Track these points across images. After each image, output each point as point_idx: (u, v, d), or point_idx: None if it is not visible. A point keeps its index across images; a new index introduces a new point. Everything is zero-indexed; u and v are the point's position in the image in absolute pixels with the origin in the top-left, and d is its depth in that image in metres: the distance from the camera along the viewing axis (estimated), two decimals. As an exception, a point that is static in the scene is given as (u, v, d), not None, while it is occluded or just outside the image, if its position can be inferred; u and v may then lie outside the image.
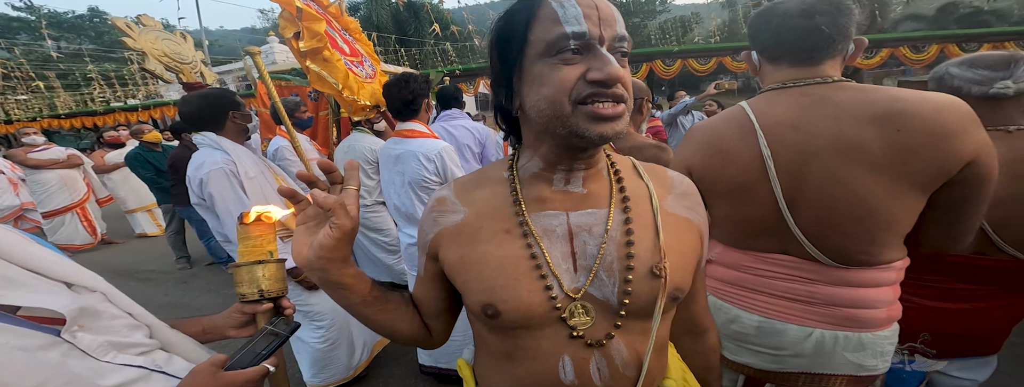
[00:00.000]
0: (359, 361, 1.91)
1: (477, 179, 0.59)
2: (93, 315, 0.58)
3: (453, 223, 0.56)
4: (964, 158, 0.63)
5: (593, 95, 0.44)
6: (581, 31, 0.44)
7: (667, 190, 0.57)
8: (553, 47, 0.45)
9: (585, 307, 0.50)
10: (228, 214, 1.42)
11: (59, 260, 0.60)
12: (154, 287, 3.46)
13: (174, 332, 0.68)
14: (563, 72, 0.45)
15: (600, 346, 0.50)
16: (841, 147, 0.68)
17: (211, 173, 1.40)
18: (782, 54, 0.76)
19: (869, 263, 0.74)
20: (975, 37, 6.98)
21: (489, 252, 0.52)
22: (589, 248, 0.51)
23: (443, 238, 0.56)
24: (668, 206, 0.56)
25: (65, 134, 13.43)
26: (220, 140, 1.48)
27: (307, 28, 1.67)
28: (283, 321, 0.68)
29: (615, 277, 0.50)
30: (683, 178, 0.60)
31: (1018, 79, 0.84)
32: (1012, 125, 0.87)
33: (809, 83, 0.74)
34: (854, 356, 0.77)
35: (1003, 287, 0.90)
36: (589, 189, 0.54)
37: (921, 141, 0.63)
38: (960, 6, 16.37)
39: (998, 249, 0.87)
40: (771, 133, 0.73)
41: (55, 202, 4.37)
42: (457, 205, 0.57)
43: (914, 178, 0.66)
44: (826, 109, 0.70)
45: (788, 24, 0.73)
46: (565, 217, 0.53)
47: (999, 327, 0.93)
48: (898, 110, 0.64)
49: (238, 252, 0.68)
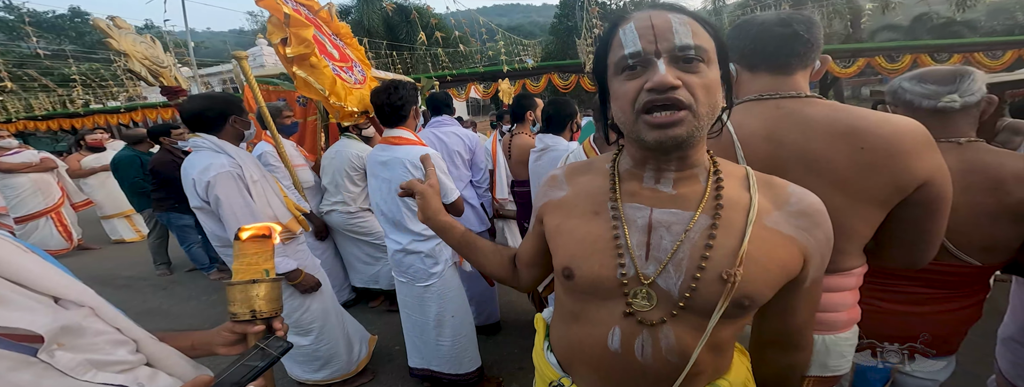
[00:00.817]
0: (359, 357, 1.95)
1: (585, 166, 0.70)
2: (76, 332, 0.55)
3: (557, 197, 0.68)
4: (919, 178, 0.67)
5: (650, 102, 0.50)
6: (636, 51, 0.51)
7: (777, 206, 0.57)
8: (619, 67, 0.54)
9: (649, 293, 0.56)
10: (234, 218, 1.41)
11: (50, 273, 0.57)
12: (132, 294, 3.37)
13: (162, 346, 0.66)
14: (627, 86, 0.52)
15: (650, 326, 0.56)
16: (808, 160, 0.71)
17: (219, 175, 1.39)
18: (761, 61, 0.79)
19: (832, 270, 0.77)
20: (946, 48, 7.28)
21: (578, 226, 0.63)
22: (664, 242, 0.57)
23: (548, 207, 0.69)
24: (770, 221, 0.56)
25: (41, 136, 13.01)
26: (222, 144, 1.48)
27: (294, 34, 1.66)
28: (275, 340, 0.65)
29: (682, 274, 0.55)
30: (807, 197, 0.58)
31: (964, 93, 0.88)
32: (962, 137, 0.91)
33: (783, 96, 0.77)
34: (819, 357, 0.81)
35: (957, 290, 0.94)
36: (680, 191, 0.58)
37: (881, 159, 0.67)
38: (934, 17, 17.04)
39: (951, 255, 0.91)
40: (746, 144, 0.76)
41: (28, 207, 4.23)
42: (564, 184, 0.69)
43: (873, 193, 0.69)
44: (796, 122, 0.73)
45: (768, 32, 0.77)
46: (648, 211, 0.59)
47: (955, 329, 0.96)
48: (862, 128, 0.68)
49: (233, 269, 0.67)
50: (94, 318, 0.60)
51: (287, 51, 1.65)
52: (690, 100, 0.50)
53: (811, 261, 0.57)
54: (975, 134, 0.93)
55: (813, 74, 0.81)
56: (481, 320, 2.28)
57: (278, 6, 1.61)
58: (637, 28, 0.51)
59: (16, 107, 11.82)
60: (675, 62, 0.50)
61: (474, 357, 1.83)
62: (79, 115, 10.40)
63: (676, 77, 0.49)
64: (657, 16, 0.51)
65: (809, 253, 0.57)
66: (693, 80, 0.50)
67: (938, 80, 0.90)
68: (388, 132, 1.67)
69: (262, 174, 1.57)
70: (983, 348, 1.30)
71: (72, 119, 10.40)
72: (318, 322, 1.74)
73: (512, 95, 5.29)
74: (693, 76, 0.50)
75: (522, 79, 8.44)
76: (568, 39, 21.02)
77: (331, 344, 1.80)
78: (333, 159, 2.43)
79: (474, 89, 8.94)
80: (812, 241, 0.57)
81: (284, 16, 1.61)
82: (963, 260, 0.90)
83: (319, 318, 1.74)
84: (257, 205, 1.46)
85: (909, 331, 0.96)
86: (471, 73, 8.96)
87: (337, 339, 1.82)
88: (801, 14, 0.77)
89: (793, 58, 0.77)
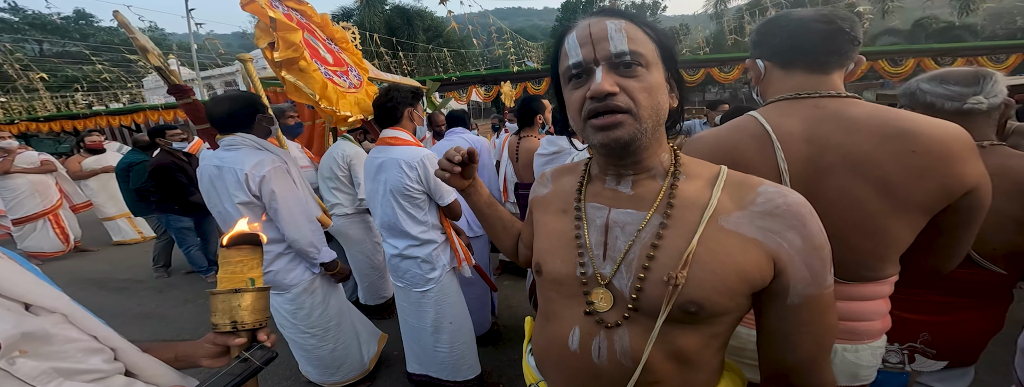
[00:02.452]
0: (370, 355, 1.96)
1: (569, 169, 0.72)
2: (42, 339, 0.54)
3: (542, 194, 0.73)
4: (968, 184, 0.65)
5: (592, 110, 0.52)
6: (576, 61, 0.53)
7: (739, 206, 0.53)
8: (566, 76, 0.56)
9: (607, 293, 0.56)
10: (289, 212, 1.47)
11: (22, 278, 0.56)
12: (128, 297, 3.33)
13: (144, 356, 0.64)
14: (574, 95, 0.55)
15: (607, 328, 0.55)
16: (854, 163, 0.67)
17: (273, 170, 1.44)
18: (798, 57, 0.74)
19: (872, 278, 0.73)
20: (949, 51, 7.26)
21: (549, 222, 0.66)
22: (619, 243, 0.57)
23: (535, 203, 0.74)
24: (728, 222, 0.52)
25: (44, 138, 13.04)
26: (262, 141, 1.53)
27: (282, 38, 1.64)
28: (260, 349, 0.63)
29: (632, 274, 0.55)
30: (780, 197, 0.52)
31: (988, 94, 0.85)
32: (985, 140, 0.88)
33: (822, 95, 0.73)
34: (851, 367, 0.78)
35: (980, 299, 0.90)
36: (637, 191, 0.59)
37: (932, 163, 0.63)
38: (934, 22, 17.08)
39: (974, 263, 0.87)
40: (785, 145, 0.72)
41: (25, 208, 4.20)
42: (549, 182, 0.73)
43: (920, 198, 0.66)
44: (840, 123, 0.69)
45: (807, 27, 0.73)
46: (607, 211, 0.60)
47: (977, 339, 0.93)
48: (914, 130, 0.64)
49: (218, 277, 0.64)
50: (66, 325, 0.58)
51: (275, 55, 1.63)
52: (629, 104, 0.51)
53: (788, 270, 0.51)
54: (996, 137, 0.90)
55: (848, 74, 0.77)
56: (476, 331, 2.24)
57: (264, 10, 1.59)
58: (577, 37, 0.53)
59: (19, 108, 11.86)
60: (614, 68, 0.52)
61: (473, 364, 1.80)
62: (81, 117, 10.42)
63: (614, 83, 0.51)
64: (595, 24, 0.53)
65: (782, 260, 0.51)
66: (631, 84, 0.51)
67: (960, 81, 0.87)
68: (384, 133, 1.65)
69: (297, 171, 1.60)
70: (1000, 356, 1.25)
71: (74, 121, 10.41)
72: (335, 320, 1.76)
73: (514, 98, 5.27)
74: (631, 81, 0.51)
75: (524, 82, 8.44)
76: (569, 42, 21.07)
77: (345, 344, 1.81)
78: (326, 159, 2.42)
79: (475, 92, 8.94)
80: (784, 245, 0.51)
81: (270, 20, 1.59)
82: (987, 268, 0.86)
83: (336, 316, 1.76)
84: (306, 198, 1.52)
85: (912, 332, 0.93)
86: (473, 76, 8.95)
87: (350, 339, 1.85)
88: (843, 11, 0.74)
89: (834, 55, 0.73)
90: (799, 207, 0.52)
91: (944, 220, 0.69)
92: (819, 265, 0.51)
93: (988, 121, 0.88)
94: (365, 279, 2.55)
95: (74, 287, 3.57)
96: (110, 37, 18.69)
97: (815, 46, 0.73)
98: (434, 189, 1.58)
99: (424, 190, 1.58)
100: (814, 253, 0.51)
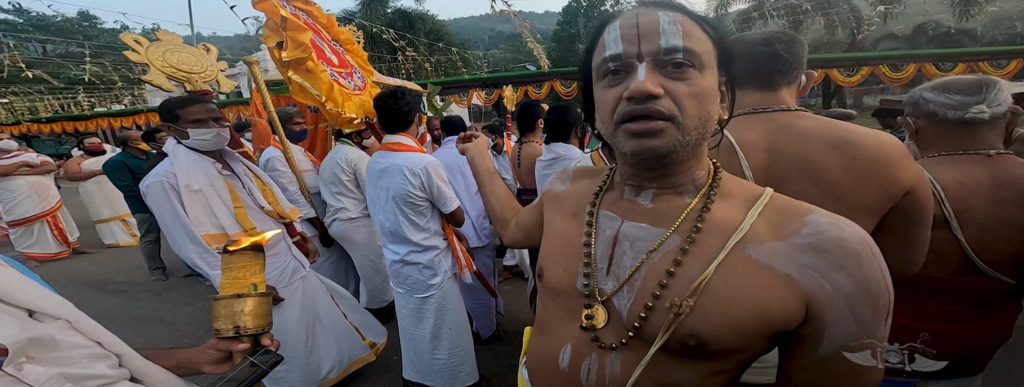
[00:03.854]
0: (325, 378, 1.78)
1: (594, 171, 0.68)
2: (48, 345, 0.54)
3: (558, 191, 0.69)
4: (905, 185, 0.71)
5: (628, 113, 0.45)
6: (616, 53, 0.46)
7: (777, 236, 0.45)
8: (601, 71, 0.48)
9: (605, 311, 0.51)
10: (167, 229, 1.42)
11: (25, 285, 0.56)
12: (126, 300, 3.32)
13: (146, 362, 0.64)
14: (607, 94, 0.47)
15: (601, 349, 0.50)
16: (806, 170, 0.73)
17: (150, 186, 1.39)
18: (747, 78, 0.83)
19: None
20: (951, 56, 7.26)
21: (558, 224, 0.63)
22: (625, 259, 0.51)
23: (548, 197, 0.70)
24: (759, 252, 0.45)
25: (45, 139, 13.07)
26: (175, 149, 1.46)
27: (291, 38, 1.64)
28: (265, 354, 0.64)
29: (634, 297, 0.49)
30: (834, 230, 0.43)
31: (991, 103, 0.85)
32: (991, 149, 0.87)
33: (775, 110, 0.80)
34: None
35: (986, 308, 0.89)
36: (656, 205, 0.52)
37: (871, 168, 0.70)
38: (934, 26, 17.13)
39: (981, 272, 0.86)
40: (747, 154, 0.79)
41: (24, 210, 4.19)
42: (568, 180, 0.69)
43: (866, 201, 0.72)
44: (791, 134, 0.76)
45: (752, 51, 0.81)
46: (619, 222, 0.54)
47: (983, 347, 0.92)
48: (851, 140, 0.71)
49: (220, 283, 0.64)
50: (71, 331, 0.59)
51: (283, 55, 1.62)
52: (674, 111, 0.43)
53: (824, 315, 0.43)
54: (1003, 146, 0.89)
55: (800, 89, 0.85)
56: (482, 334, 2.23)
57: (276, 9, 1.58)
58: (621, 27, 0.45)
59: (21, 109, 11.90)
60: (660, 67, 0.44)
61: (471, 371, 1.78)
62: (83, 118, 10.44)
63: (658, 84, 0.43)
64: (645, 14, 0.45)
65: (819, 303, 0.43)
66: (679, 88, 0.43)
67: (963, 90, 0.87)
68: (388, 138, 1.63)
69: (210, 181, 1.47)
70: (1005, 363, 1.24)
71: (76, 122, 10.44)
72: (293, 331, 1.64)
73: (515, 101, 5.26)
74: (680, 83, 0.44)
75: (525, 86, 8.45)
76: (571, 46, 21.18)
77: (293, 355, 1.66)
78: (327, 163, 2.41)
79: (476, 95, 8.96)
80: (826, 287, 0.42)
81: (281, 19, 1.59)
82: (994, 277, 0.85)
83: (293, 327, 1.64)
84: (191, 216, 1.41)
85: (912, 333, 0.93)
86: (474, 80, 8.97)
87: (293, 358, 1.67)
88: (784, 33, 0.81)
89: (776, 75, 0.81)
90: (856, 244, 0.43)
91: (894, 221, 0.74)
92: (871, 314, 0.43)
93: (994, 130, 0.87)
94: (368, 283, 2.54)
95: (72, 290, 3.55)
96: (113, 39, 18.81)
97: (759, 67, 0.81)
98: (437, 197, 1.57)
99: (427, 197, 1.57)
100: (867, 300, 0.42)
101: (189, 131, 1.43)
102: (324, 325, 1.79)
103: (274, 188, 1.72)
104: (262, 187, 1.67)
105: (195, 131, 1.44)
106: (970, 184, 0.86)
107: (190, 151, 1.46)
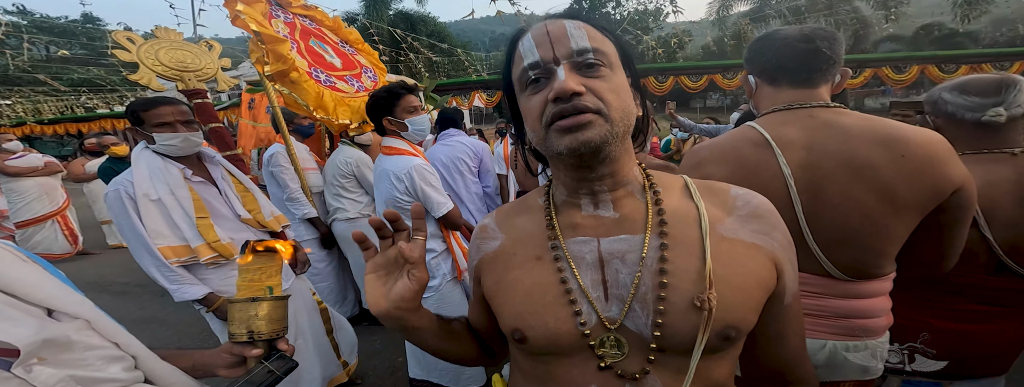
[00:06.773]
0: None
1: (518, 207, 0.61)
2: (62, 346, 0.53)
3: (491, 249, 0.58)
4: (955, 183, 0.69)
5: (557, 113, 0.46)
6: (534, 61, 0.47)
7: (726, 212, 0.51)
8: (523, 82, 0.49)
9: (618, 340, 0.48)
10: (126, 239, 1.36)
11: (45, 283, 0.56)
12: (129, 301, 3.31)
13: (163, 364, 0.63)
14: (533, 101, 0.48)
15: (634, 380, 0.47)
16: (853, 167, 0.72)
17: (108, 194, 1.35)
18: (783, 75, 0.81)
19: (876, 275, 0.78)
20: (954, 58, 7.24)
21: (520, 278, 0.53)
22: (622, 277, 0.49)
23: (483, 264, 0.59)
24: (726, 230, 0.49)
25: (48, 140, 13.12)
26: (139, 154, 1.38)
27: (271, 51, 1.63)
28: (281, 359, 0.62)
29: (648, 308, 0.47)
30: (753, 197, 0.52)
31: (1010, 105, 0.84)
32: (1016, 147, 0.86)
33: (813, 106, 0.78)
34: (862, 362, 0.81)
35: (1015, 308, 0.88)
36: (622, 213, 0.52)
37: (920, 166, 0.68)
38: (937, 28, 17.14)
39: (1011, 271, 0.85)
40: (785, 152, 0.77)
41: (34, 210, 4.22)
42: (496, 232, 0.59)
43: (916, 200, 0.70)
44: (834, 132, 0.74)
45: (790, 47, 0.79)
46: (595, 244, 0.51)
47: (1012, 347, 0.92)
48: (900, 137, 0.69)
49: (236, 285, 0.63)
50: (89, 331, 0.57)
51: (265, 69, 1.62)
52: (599, 104, 0.45)
53: (784, 269, 0.50)
54: None
55: (834, 87, 0.83)
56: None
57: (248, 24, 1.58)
58: (533, 37, 0.48)
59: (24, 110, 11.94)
60: (577, 68, 0.47)
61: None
62: (86, 119, 10.47)
63: (579, 83, 0.45)
64: (552, 23, 0.49)
65: (779, 260, 0.50)
66: (598, 85, 0.46)
67: (982, 91, 0.86)
68: (385, 141, 1.61)
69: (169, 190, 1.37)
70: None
71: (78, 123, 10.47)
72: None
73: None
74: (597, 81, 0.46)
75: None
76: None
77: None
78: (327, 167, 2.40)
79: (478, 97, 8.96)
80: (776, 245, 0.50)
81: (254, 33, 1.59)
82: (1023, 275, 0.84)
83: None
84: (148, 226, 1.33)
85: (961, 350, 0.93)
86: (477, 81, 8.98)
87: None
88: (825, 29, 0.78)
89: (816, 73, 0.79)
90: (770, 205, 0.52)
91: (939, 219, 0.73)
92: (795, 259, 0.52)
93: (1015, 129, 0.87)
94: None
95: (75, 290, 3.56)
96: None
97: (798, 65, 0.79)
98: (424, 200, 1.52)
99: (412, 201, 1.55)
100: (791, 248, 0.52)
101: (154, 136, 1.35)
102: (308, 340, 1.69)
103: (258, 195, 1.61)
104: (243, 193, 1.56)
105: (161, 136, 1.35)
106: (996, 182, 0.85)
107: (155, 156, 1.38)
